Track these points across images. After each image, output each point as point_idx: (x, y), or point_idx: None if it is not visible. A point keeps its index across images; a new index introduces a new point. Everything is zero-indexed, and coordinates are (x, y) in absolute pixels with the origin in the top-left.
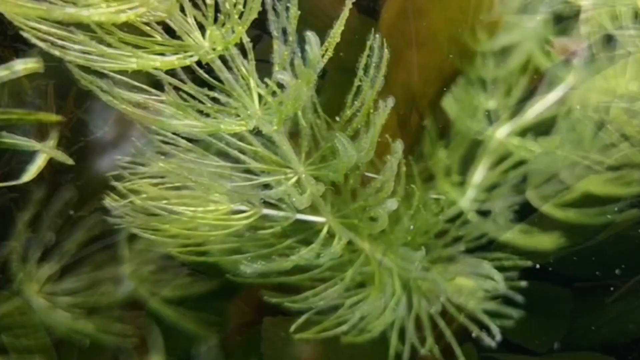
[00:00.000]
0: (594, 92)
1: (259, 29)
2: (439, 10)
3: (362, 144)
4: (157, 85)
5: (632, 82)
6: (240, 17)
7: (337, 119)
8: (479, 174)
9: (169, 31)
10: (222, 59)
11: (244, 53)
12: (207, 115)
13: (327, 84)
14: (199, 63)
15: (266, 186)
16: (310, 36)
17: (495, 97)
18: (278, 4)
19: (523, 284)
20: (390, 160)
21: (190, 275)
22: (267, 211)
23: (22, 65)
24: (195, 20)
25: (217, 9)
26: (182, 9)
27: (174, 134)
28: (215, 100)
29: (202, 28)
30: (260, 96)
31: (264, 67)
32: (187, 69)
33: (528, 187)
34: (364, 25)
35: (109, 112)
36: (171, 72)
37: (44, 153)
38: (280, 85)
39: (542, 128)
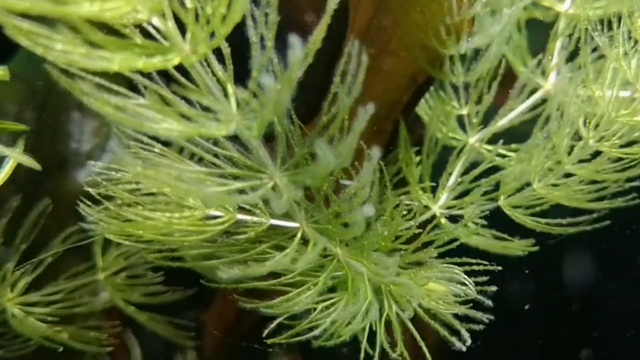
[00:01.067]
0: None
1: None
2: (411, 18)
3: (340, 150)
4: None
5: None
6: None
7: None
8: (452, 181)
9: (145, 37)
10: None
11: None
12: (188, 119)
13: None
14: (175, 68)
15: (241, 192)
16: (293, 40)
17: (468, 103)
18: (256, 9)
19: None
20: (367, 166)
21: (166, 284)
22: (241, 217)
23: None
24: (177, 23)
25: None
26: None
27: (151, 137)
28: (192, 105)
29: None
30: (238, 102)
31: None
32: (161, 75)
33: (500, 194)
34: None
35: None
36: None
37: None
38: (260, 91)
39: (517, 134)
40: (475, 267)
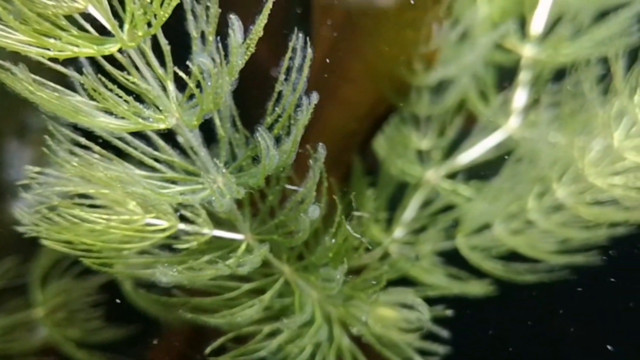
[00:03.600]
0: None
1: None
2: (373, 46)
3: (284, 148)
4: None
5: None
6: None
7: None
8: (408, 217)
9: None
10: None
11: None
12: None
13: None
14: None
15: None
16: (234, 20)
17: (428, 137)
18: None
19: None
20: (313, 167)
21: (109, 320)
22: (182, 226)
23: None
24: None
25: None
26: None
27: (89, 138)
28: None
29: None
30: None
31: None
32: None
33: (459, 233)
34: None
35: None
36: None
37: None
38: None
39: (478, 172)
40: None
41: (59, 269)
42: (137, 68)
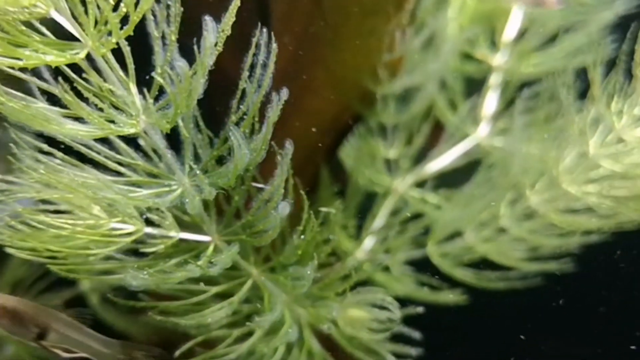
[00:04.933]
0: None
1: None
2: (336, 56)
3: (254, 145)
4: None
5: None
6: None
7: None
8: (377, 226)
9: None
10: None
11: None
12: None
13: None
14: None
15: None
16: (208, 21)
17: (396, 146)
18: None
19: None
20: (280, 164)
21: None
22: (149, 230)
23: None
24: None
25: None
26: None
27: (52, 144)
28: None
29: None
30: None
31: None
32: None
33: (429, 241)
34: None
35: None
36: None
37: None
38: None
39: (447, 180)
40: None
41: (24, 284)
42: (99, 73)
